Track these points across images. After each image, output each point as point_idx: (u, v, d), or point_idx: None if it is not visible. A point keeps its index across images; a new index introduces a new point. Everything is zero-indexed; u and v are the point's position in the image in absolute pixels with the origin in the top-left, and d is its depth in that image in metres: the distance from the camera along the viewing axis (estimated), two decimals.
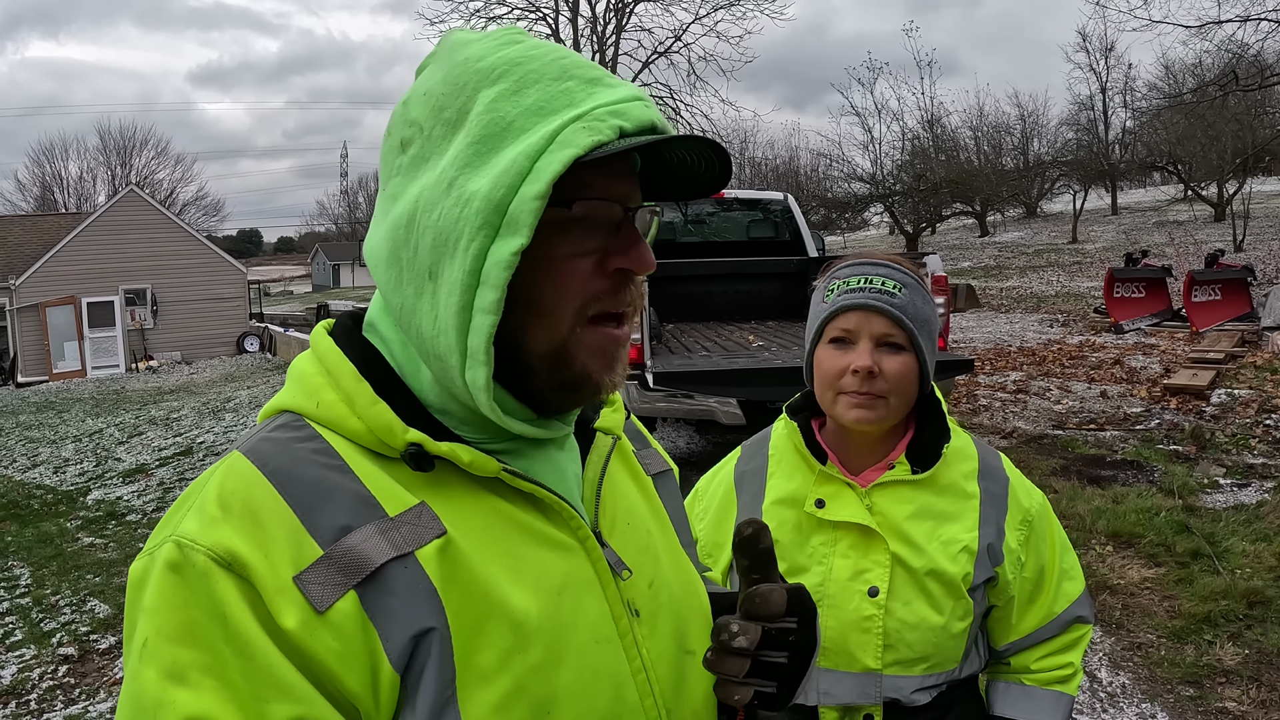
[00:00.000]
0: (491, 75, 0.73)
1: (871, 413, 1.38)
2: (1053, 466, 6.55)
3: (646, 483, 0.96)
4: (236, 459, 0.72)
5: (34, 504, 8.65)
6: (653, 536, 0.89)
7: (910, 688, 1.38)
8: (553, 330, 0.74)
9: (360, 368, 0.76)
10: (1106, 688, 3.63)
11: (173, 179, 49.53)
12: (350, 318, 0.84)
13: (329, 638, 0.65)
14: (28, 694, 4.39)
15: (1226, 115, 25.09)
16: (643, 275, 0.78)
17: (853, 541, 1.40)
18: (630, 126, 0.72)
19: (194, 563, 0.65)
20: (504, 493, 0.76)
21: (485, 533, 0.73)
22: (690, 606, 0.89)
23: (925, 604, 1.37)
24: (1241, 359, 9.83)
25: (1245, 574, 4.47)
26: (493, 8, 26.20)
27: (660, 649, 0.82)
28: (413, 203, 0.74)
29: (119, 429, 12.96)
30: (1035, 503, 1.49)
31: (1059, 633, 1.48)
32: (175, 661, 0.63)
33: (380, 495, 0.71)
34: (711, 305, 8.35)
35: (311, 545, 0.67)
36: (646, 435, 1.05)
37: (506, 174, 0.69)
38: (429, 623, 0.68)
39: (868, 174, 34.98)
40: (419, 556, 0.69)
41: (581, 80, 0.74)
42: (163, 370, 23.22)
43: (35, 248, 24.30)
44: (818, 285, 1.48)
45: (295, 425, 0.75)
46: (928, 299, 1.42)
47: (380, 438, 0.73)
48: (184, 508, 0.71)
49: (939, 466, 1.42)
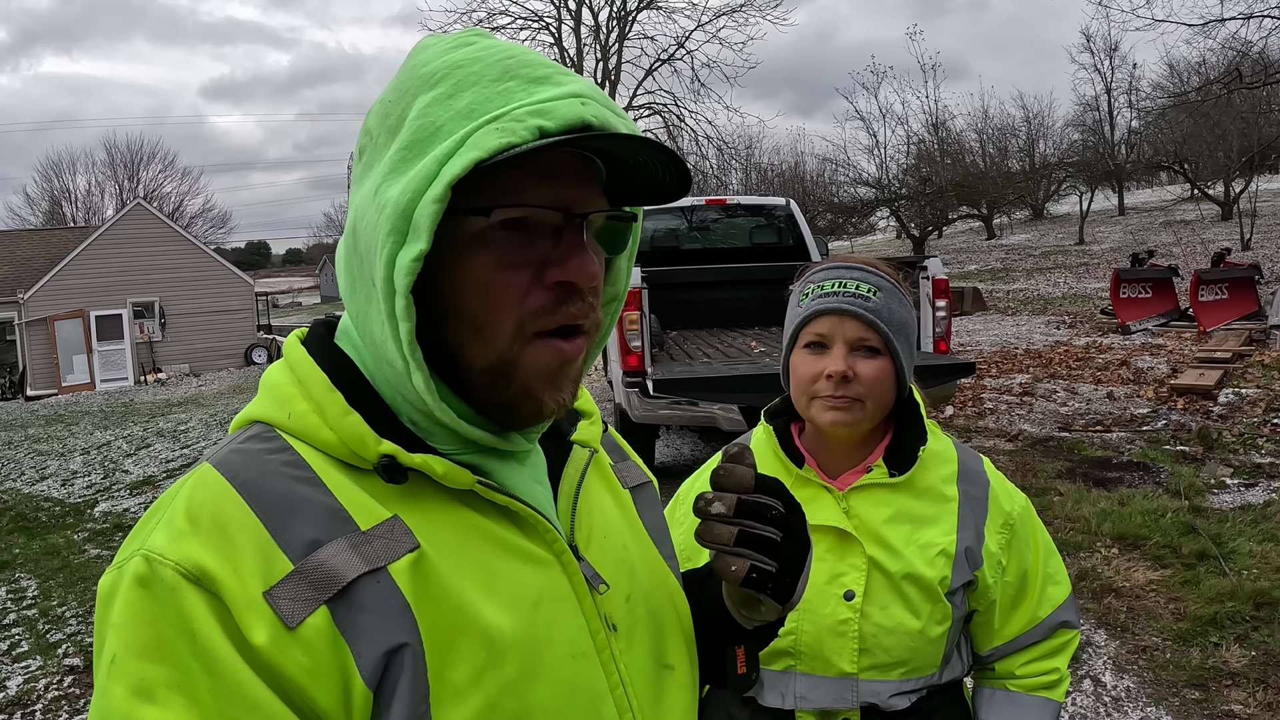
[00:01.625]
0: (432, 79, 0.72)
1: (847, 415, 1.37)
2: (1059, 469, 6.52)
3: (624, 496, 0.94)
4: (206, 471, 0.71)
5: (42, 516, 8.68)
6: (629, 550, 0.87)
7: (888, 692, 1.37)
8: (489, 346, 0.73)
9: (332, 377, 0.75)
10: (1111, 691, 3.60)
11: (180, 192, 49.77)
12: (324, 325, 0.82)
13: (299, 654, 0.64)
14: (33, 704, 4.42)
15: (1232, 113, 25.03)
16: (588, 286, 0.74)
17: (829, 545, 1.39)
18: (553, 126, 0.68)
19: (162, 577, 0.64)
20: (478, 505, 0.75)
21: (459, 546, 0.72)
22: (669, 621, 0.88)
23: (902, 608, 1.36)
24: (1249, 358, 9.78)
25: (1252, 575, 4.44)
26: (496, 18, 26.31)
27: (638, 664, 0.81)
28: (355, 210, 0.74)
29: (127, 441, 13.01)
30: (1017, 506, 1.47)
31: (1044, 638, 1.47)
32: (143, 678, 0.62)
33: (352, 508, 0.70)
34: (715, 312, 8.34)
35: (282, 560, 0.66)
36: (625, 448, 1.03)
37: (415, 179, 0.68)
38: (402, 638, 0.66)
39: (873, 179, 34.97)
40: (391, 571, 0.68)
41: (524, 80, 0.71)
42: (171, 383, 23.30)
43: (44, 261, 24.45)
44: (793, 290, 1.47)
45: (266, 436, 0.74)
46: (905, 302, 1.41)
47: (352, 449, 0.72)
48: (152, 521, 0.70)
49: (916, 470, 1.41)
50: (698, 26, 27.70)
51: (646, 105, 28.51)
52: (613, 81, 27.99)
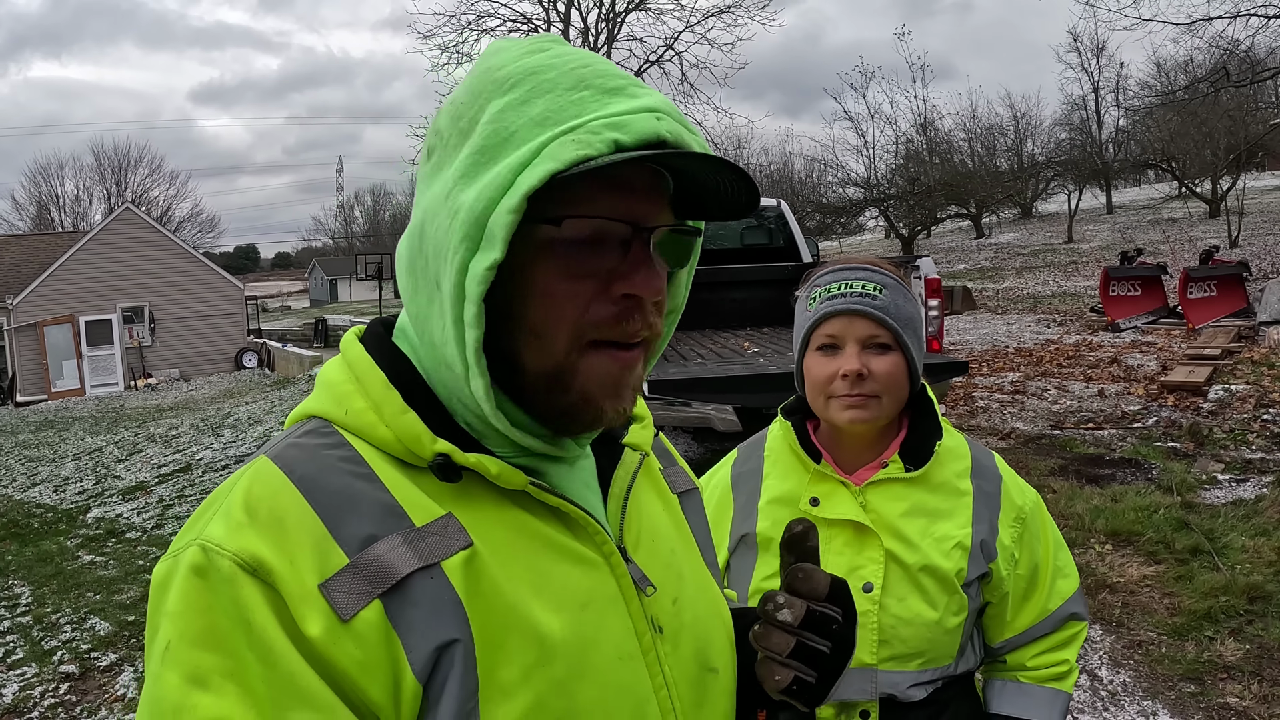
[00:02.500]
0: (505, 84, 0.72)
1: (865, 413, 1.40)
2: (1051, 466, 6.56)
3: (672, 500, 0.95)
4: (264, 464, 0.72)
5: (34, 523, 8.64)
6: (677, 554, 0.88)
7: (906, 683, 1.39)
8: (547, 353, 0.73)
9: (389, 375, 0.76)
10: (1107, 686, 3.63)
11: (168, 196, 49.65)
12: (381, 324, 0.83)
13: (352, 647, 0.65)
14: (29, 711, 4.39)
15: (1219, 111, 25.18)
16: (652, 300, 0.74)
17: (847, 539, 1.41)
18: (629, 140, 0.68)
19: (219, 567, 0.65)
20: (530, 506, 0.75)
21: (510, 546, 0.73)
22: (713, 625, 0.89)
23: (919, 599, 1.39)
24: (1238, 354, 9.84)
25: (1245, 569, 4.48)
26: (485, 20, 26.28)
27: (682, 666, 0.81)
28: (424, 211, 0.74)
29: (118, 447, 12.95)
30: (1029, 501, 1.50)
31: (1054, 630, 1.49)
32: (197, 666, 0.63)
33: (407, 505, 0.71)
34: (707, 313, 8.34)
35: (337, 553, 0.67)
36: (674, 453, 1.03)
37: (489, 186, 0.68)
38: (453, 634, 0.67)
39: (862, 178, 35.07)
40: (444, 567, 0.69)
41: (599, 90, 0.71)
42: (161, 387, 23.21)
43: (32, 267, 24.31)
44: (800, 294, 1.50)
45: (323, 432, 0.75)
46: (910, 297, 1.44)
47: (408, 447, 0.73)
48: (209, 512, 0.70)
49: (931, 465, 1.43)
50: (686, 28, 27.71)
51: None
52: None
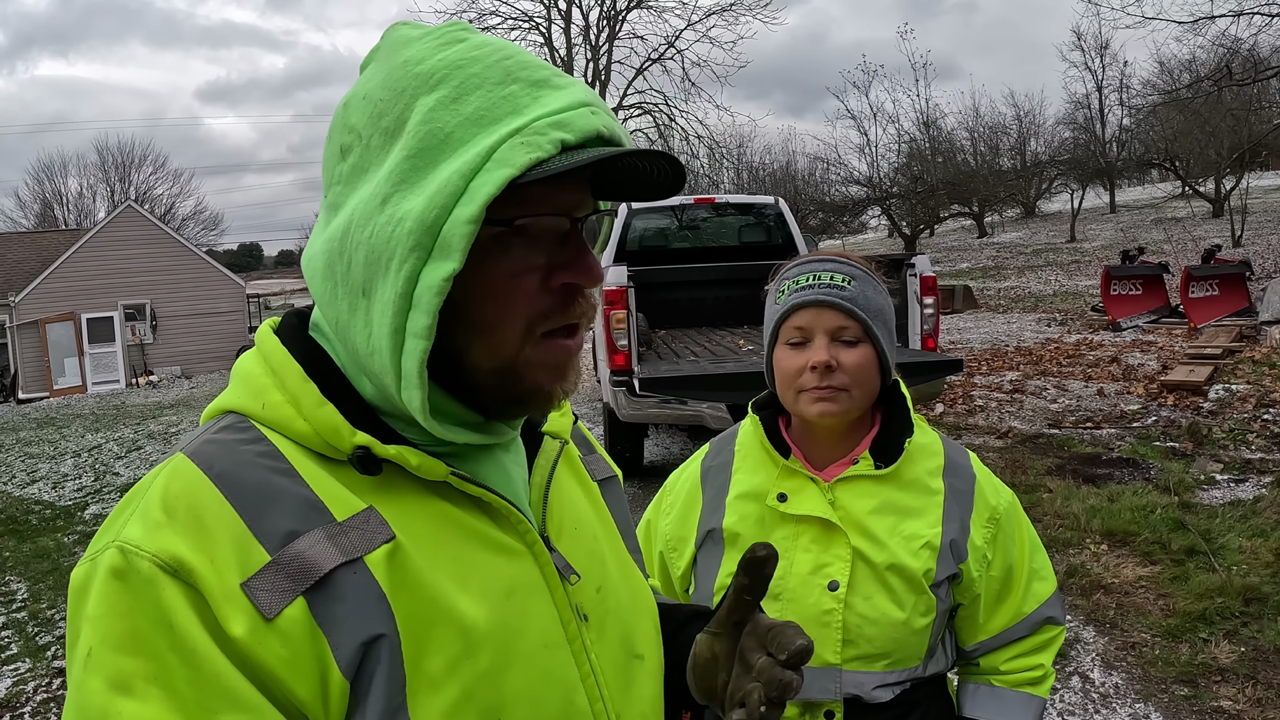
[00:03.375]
0: (431, 80, 0.70)
1: (834, 405, 1.37)
2: (1048, 465, 6.54)
3: (593, 488, 0.95)
4: (180, 461, 0.70)
5: (32, 519, 8.64)
6: (600, 542, 0.88)
7: (871, 684, 1.37)
8: (498, 349, 0.73)
9: (306, 368, 0.74)
10: (1100, 688, 3.61)
11: (171, 194, 49.62)
12: (296, 316, 0.82)
13: (277, 645, 0.64)
14: (22, 707, 4.40)
15: (1222, 110, 25.08)
16: (591, 289, 0.76)
17: (814, 535, 1.39)
18: (573, 139, 0.69)
19: (138, 569, 0.63)
20: (451, 496, 0.75)
21: (433, 537, 0.72)
22: (638, 612, 0.89)
23: (886, 599, 1.36)
24: (1239, 354, 9.81)
25: (1241, 570, 4.45)
26: (486, 18, 26.27)
27: (609, 653, 0.82)
28: (349, 216, 0.72)
29: (118, 444, 12.96)
30: (1004, 501, 1.47)
31: (1029, 633, 1.47)
32: (120, 671, 0.61)
33: (327, 499, 0.70)
34: (704, 310, 8.34)
35: (259, 551, 0.66)
36: (592, 440, 1.03)
37: (440, 194, 0.67)
38: (379, 629, 0.67)
39: (865, 177, 35.03)
40: (368, 562, 0.68)
41: (526, 83, 0.71)
42: (162, 385, 23.23)
43: (35, 264, 24.36)
44: (769, 288, 1.48)
45: (240, 427, 0.74)
46: (879, 289, 1.42)
47: (327, 440, 0.72)
48: (126, 512, 0.69)
49: (902, 462, 1.41)
50: (688, 25, 27.72)
51: (637, 105, 28.51)
52: (603, 81, 27.98)
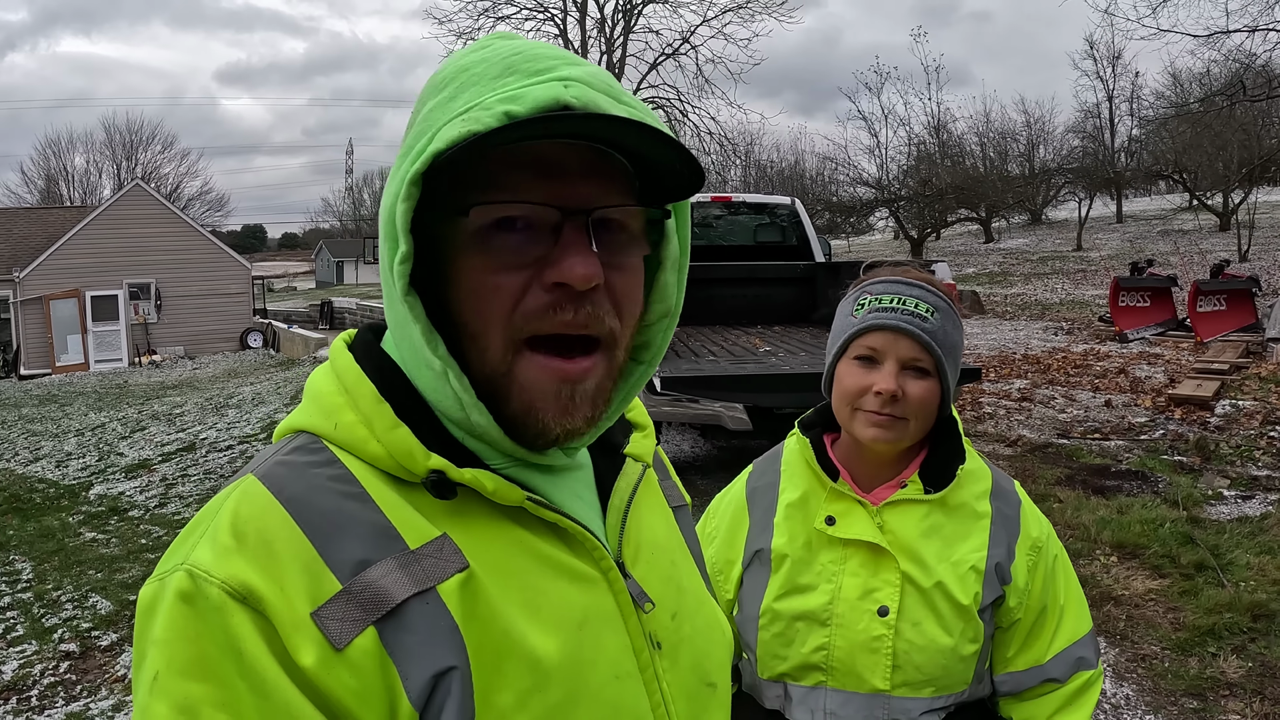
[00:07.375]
0: (439, 85, 0.71)
1: (890, 433, 1.35)
2: (1057, 476, 6.54)
3: (669, 513, 0.93)
4: (251, 484, 0.69)
5: (36, 498, 8.65)
6: (677, 567, 0.86)
7: (918, 710, 1.35)
8: (484, 356, 0.70)
9: (380, 387, 0.73)
10: (1110, 699, 3.62)
11: (178, 173, 49.62)
12: (370, 330, 0.80)
13: (347, 676, 0.63)
14: (29, 690, 4.39)
15: (1233, 125, 25.05)
16: (582, 289, 0.68)
17: (862, 560, 1.37)
18: (521, 110, 0.64)
19: (207, 595, 0.62)
20: (526, 522, 0.73)
21: (506, 565, 0.71)
22: (712, 639, 0.87)
23: (935, 625, 1.35)
24: (1246, 370, 9.80)
25: (1250, 587, 4.46)
26: (501, 7, 26.22)
27: (681, 681, 0.80)
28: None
29: (122, 423, 12.96)
30: (1044, 531, 1.45)
31: (1062, 678, 1.40)
32: (187, 696, 0.61)
33: (400, 526, 0.68)
34: (718, 309, 8.34)
35: (330, 579, 0.64)
36: (668, 466, 1.01)
37: (394, 181, 0.68)
38: (450, 661, 0.65)
39: (873, 179, 35.04)
40: (440, 592, 0.66)
41: (525, 74, 0.68)
42: (166, 365, 23.25)
43: (40, 240, 24.33)
44: (847, 296, 1.44)
45: (312, 448, 0.72)
46: (958, 324, 1.38)
47: (401, 463, 0.70)
48: (196, 533, 0.68)
49: (952, 487, 1.39)
50: (703, 21, 27.65)
51: (650, 100, 28.50)
52: (617, 75, 27.95)
